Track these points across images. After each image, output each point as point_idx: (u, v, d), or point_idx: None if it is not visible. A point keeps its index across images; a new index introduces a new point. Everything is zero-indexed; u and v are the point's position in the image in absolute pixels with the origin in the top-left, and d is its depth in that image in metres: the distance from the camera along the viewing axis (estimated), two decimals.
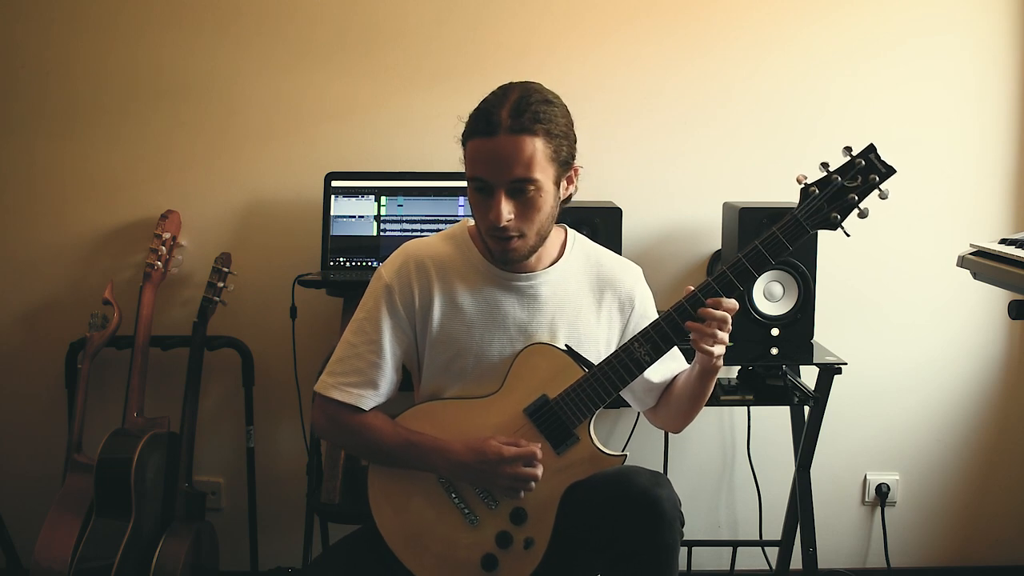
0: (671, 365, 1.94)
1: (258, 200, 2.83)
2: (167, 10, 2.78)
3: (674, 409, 1.92)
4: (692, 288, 1.75)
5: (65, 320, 2.83)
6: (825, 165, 1.71)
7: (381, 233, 2.69)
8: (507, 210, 1.71)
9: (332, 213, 2.69)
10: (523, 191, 1.71)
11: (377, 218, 2.69)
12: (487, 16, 2.79)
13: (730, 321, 1.72)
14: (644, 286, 1.95)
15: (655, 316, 1.92)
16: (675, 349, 1.93)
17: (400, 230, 2.69)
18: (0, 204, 2.86)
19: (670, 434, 2.77)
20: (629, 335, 1.86)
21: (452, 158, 1.86)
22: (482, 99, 1.75)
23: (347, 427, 1.84)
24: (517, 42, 2.79)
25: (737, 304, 1.74)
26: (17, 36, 2.80)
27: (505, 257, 1.77)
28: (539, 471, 1.74)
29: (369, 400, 1.82)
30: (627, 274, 1.93)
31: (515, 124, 1.68)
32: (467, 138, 1.73)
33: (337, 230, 2.69)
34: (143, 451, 2.53)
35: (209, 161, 2.83)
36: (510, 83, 1.78)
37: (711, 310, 1.71)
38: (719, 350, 1.74)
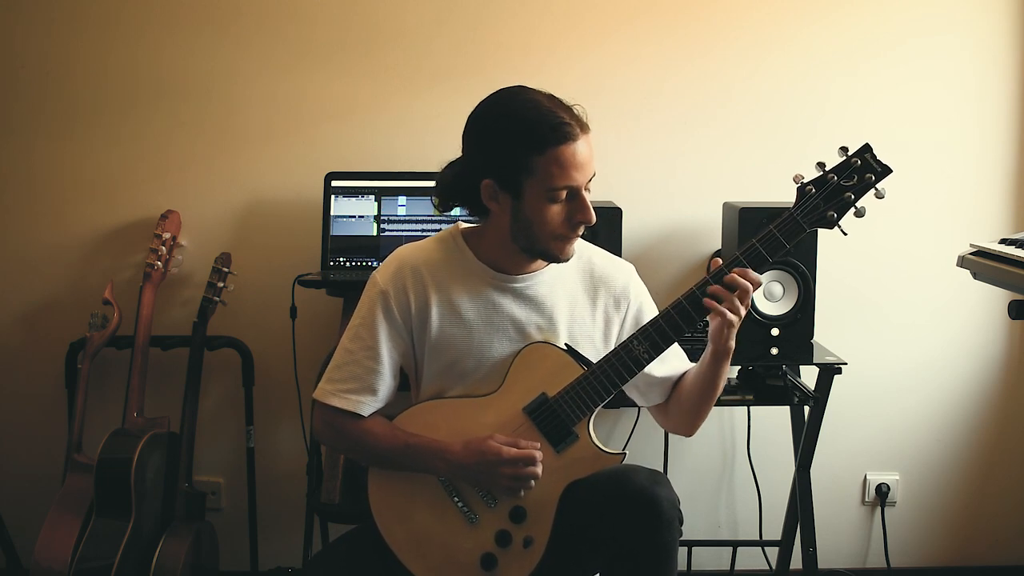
0: (675, 363, 1.93)
1: (258, 200, 2.83)
2: (167, 10, 2.78)
3: (685, 404, 1.90)
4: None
5: (65, 320, 2.83)
6: (821, 165, 1.72)
7: (381, 233, 2.69)
8: None
9: (332, 213, 2.69)
10: (586, 187, 1.75)
11: (377, 218, 2.69)
12: (487, 16, 2.79)
13: (751, 293, 1.72)
14: (638, 281, 1.95)
15: (653, 309, 1.92)
16: (679, 349, 1.94)
17: (400, 230, 2.69)
18: (0, 204, 2.86)
19: (670, 434, 2.76)
20: (628, 331, 1.86)
21: (452, 158, 1.86)
22: (511, 112, 1.72)
23: (347, 434, 1.84)
24: (517, 42, 2.79)
25: (761, 279, 1.74)
26: (17, 36, 2.80)
27: (569, 255, 1.79)
28: (539, 469, 1.74)
29: (368, 406, 1.83)
30: (619, 271, 1.93)
31: (581, 123, 1.72)
32: (541, 150, 1.69)
33: (337, 230, 2.69)
34: (143, 451, 2.53)
35: (209, 161, 2.83)
36: (520, 87, 1.77)
37: (738, 277, 1.71)
38: (733, 318, 1.72)
